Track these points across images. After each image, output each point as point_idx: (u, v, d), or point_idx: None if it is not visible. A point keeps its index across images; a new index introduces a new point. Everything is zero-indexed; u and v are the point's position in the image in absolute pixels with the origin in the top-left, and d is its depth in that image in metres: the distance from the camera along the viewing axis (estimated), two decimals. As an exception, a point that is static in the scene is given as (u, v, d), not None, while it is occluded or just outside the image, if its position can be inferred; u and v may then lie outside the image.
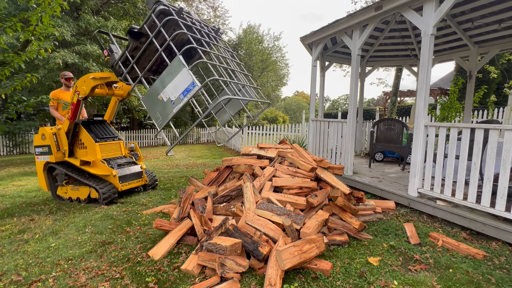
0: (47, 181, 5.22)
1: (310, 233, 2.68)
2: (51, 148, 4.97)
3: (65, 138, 4.99)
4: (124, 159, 5.28)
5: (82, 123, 4.98)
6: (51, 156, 4.99)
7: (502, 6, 4.66)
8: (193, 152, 14.48)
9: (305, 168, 3.77)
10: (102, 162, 4.77)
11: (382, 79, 32.81)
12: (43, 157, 5.09)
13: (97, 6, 13.44)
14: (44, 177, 5.21)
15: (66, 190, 5.10)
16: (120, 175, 4.86)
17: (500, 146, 3.11)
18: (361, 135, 7.63)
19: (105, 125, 5.38)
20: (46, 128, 5.04)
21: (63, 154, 5.01)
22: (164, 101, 3.27)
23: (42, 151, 5.07)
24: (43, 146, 5.04)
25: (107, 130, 5.29)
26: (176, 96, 3.18)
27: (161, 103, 3.29)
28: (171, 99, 3.22)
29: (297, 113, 42.53)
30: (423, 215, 3.65)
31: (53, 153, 4.96)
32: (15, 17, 3.72)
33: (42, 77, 10.85)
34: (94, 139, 4.87)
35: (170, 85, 3.19)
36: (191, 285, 2.40)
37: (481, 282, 2.30)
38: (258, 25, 30.54)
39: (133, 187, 5.15)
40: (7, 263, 2.95)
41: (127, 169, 5.05)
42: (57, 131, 5.02)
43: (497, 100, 12.45)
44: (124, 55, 3.97)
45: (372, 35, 6.45)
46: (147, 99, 3.43)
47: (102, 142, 4.97)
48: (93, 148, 4.84)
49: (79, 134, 4.99)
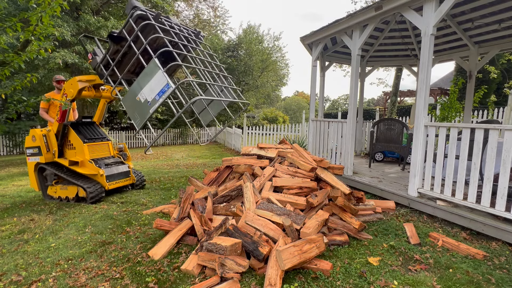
0: (38, 181, 5.34)
1: (310, 233, 2.68)
2: (41, 149, 5.13)
3: (54, 140, 5.13)
4: (112, 159, 5.40)
5: (71, 125, 5.12)
6: (41, 157, 5.14)
7: (502, 6, 4.66)
8: (193, 152, 14.49)
9: (305, 168, 3.77)
10: (90, 162, 4.91)
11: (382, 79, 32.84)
12: (34, 158, 5.23)
13: (97, 6, 13.44)
14: (35, 177, 5.33)
15: (56, 190, 5.22)
16: (107, 174, 4.99)
17: (500, 146, 3.11)
18: (361, 135, 7.63)
19: (94, 126, 5.53)
20: (36, 130, 5.20)
21: (53, 155, 5.17)
22: (142, 102, 3.40)
23: (33, 152, 5.22)
24: (34, 148, 5.20)
25: (96, 131, 5.44)
26: (152, 97, 3.31)
27: (139, 104, 3.42)
28: (147, 100, 3.35)
29: (297, 113, 42.51)
30: (423, 215, 3.65)
31: (43, 154, 5.12)
32: (15, 17, 3.71)
33: (42, 77, 10.85)
34: (82, 140, 5.01)
35: (147, 87, 3.32)
36: (191, 285, 2.40)
37: (481, 282, 2.30)
38: (258, 25, 30.50)
39: (120, 186, 5.29)
40: (7, 263, 2.95)
41: (114, 169, 5.19)
42: (47, 133, 5.18)
43: (497, 100, 12.45)
44: (105, 58, 4.10)
45: (372, 35, 6.45)
46: (127, 100, 3.56)
47: (90, 143, 5.12)
48: (81, 149, 4.98)
49: (68, 135, 5.13)
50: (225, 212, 3.25)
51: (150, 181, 6.55)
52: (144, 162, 11.11)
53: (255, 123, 25.23)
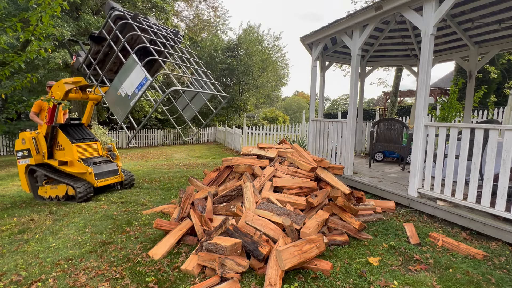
0: (29, 182, 5.46)
1: (310, 233, 2.68)
2: (31, 151, 5.28)
3: (43, 142, 5.27)
4: (101, 158, 5.57)
5: (59, 127, 5.25)
6: (31, 159, 5.28)
7: (502, 6, 4.66)
8: (193, 152, 14.48)
9: (305, 168, 3.77)
10: (79, 161, 5.08)
11: (382, 79, 32.82)
12: (24, 161, 5.37)
13: (97, 6, 13.44)
14: (25, 179, 5.45)
15: (46, 190, 5.34)
16: (96, 172, 5.12)
17: (500, 146, 3.11)
18: (361, 135, 7.63)
19: (82, 127, 5.71)
20: (26, 133, 5.35)
21: (42, 156, 5.31)
22: (122, 96, 3.64)
23: (23, 154, 5.36)
24: (24, 150, 5.34)
25: (84, 132, 5.62)
26: (132, 91, 3.55)
27: (120, 98, 3.66)
28: (128, 94, 3.59)
29: (297, 113, 42.50)
30: (423, 215, 3.65)
31: (33, 156, 5.26)
32: (15, 17, 3.71)
33: (42, 77, 10.86)
34: (71, 140, 5.16)
35: (127, 81, 3.56)
36: (191, 285, 2.40)
37: (481, 282, 2.30)
38: (258, 25, 30.49)
39: (109, 183, 5.43)
40: (7, 263, 2.95)
41: (102, 167, 5.34)
42: (36, 135, 5.32)
43: (497, 100, 12.44)
44: (87, 58, 4.30)
45: (372, 35, 6.45)
46: (108, 96, 3.79)
47: (79, 143, 5.27)
48: (70, 149, 5.13)
49: (56, 137, 5.28)
50: (225, 212, 3.25)
51: (150, 181, 6.55)
52: (144, 162, 11.11)
53: (255, 123, 25.23)
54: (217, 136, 20.45)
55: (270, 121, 27.83)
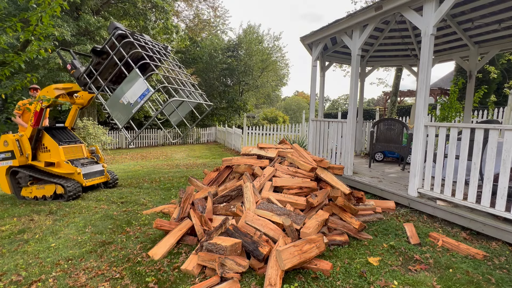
0: (10, 184, 5.59)
1: (310, 233, 2.68)
2: (15, 153, 5.38)
3: (27, 144, 5.39)
4: (87, 159, 5.85)
5: (44, 129, 5.43)
6: (15, 160, 5.38)
7: (502, 6, 4.66)
8: (193, 152, 14.48)
9: (305, 168, 3.77)
10: (66, 163, 5.29)
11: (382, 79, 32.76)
12: (5, 162, 5.47)
13: (97, 6, 13.45)
14: (6, 180, 5.56)
15: (31, 190, 5.47)
16: (84, 173, 5.40)
17: (500, 146, 3.11)
18: (361, 135, 7.63)
19: (66, 130, 5.97)
20: (8, 135, 5.46)
21: (26, 158, 5.42)
22: (125, 104, 4.11)
23: (5, 156, 5.46)
24: (6, 152, 5.45)
25: (69, 135, 5.88)
26: (134, 100, 4.04)
27: (122, 105, 4.15)
28: (130, 102, 4.07)
29: (297, 113, 42.49)
30: (423, 215, 3.65)
31: (16, 157, 5.37)
32: (15, 17, 3.71)
33: (42, 77, 10.86)
34: (58, 143, 5.36)
35: (130, 92, 4.05)
36: (191, 285, 2.40)
37: (481, 282, 2.30)
38: (258, 25, 30.46)
39: (96, 183, 5.70)
40: (7, 263, 2.95)
41: (90, 168, 5.62)
42: (20, 138, 5.41)
43: (497, 100, 12.45)
44: (88, 68, 4.77)
45: (372, 35, 6.45)
46: (110, 103, 4.25)
47: (65, 145, 5.50)
48: (57, 151, 5.33)
49: (42, 139, 5.45)
50: (225, 212, 3.25)
51: (150, 181, 6.55)
52: (144, 162, 11.11)
53: (255, 123, 25.25)
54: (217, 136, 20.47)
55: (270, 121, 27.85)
